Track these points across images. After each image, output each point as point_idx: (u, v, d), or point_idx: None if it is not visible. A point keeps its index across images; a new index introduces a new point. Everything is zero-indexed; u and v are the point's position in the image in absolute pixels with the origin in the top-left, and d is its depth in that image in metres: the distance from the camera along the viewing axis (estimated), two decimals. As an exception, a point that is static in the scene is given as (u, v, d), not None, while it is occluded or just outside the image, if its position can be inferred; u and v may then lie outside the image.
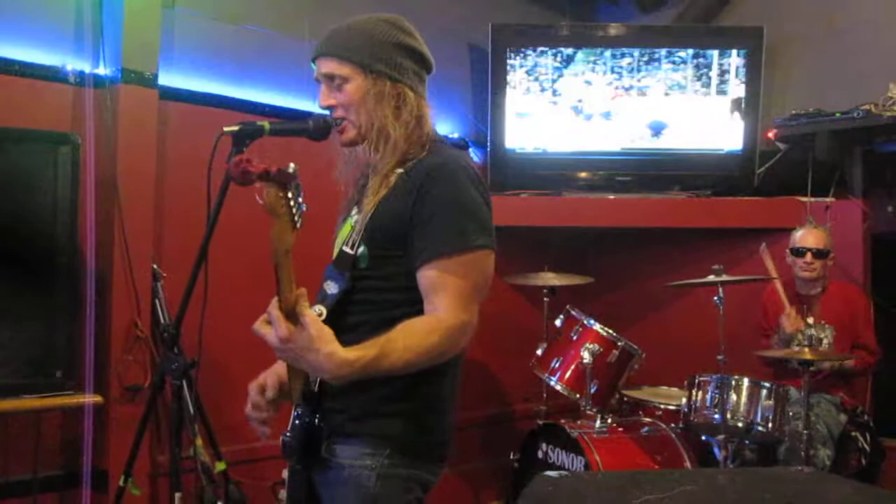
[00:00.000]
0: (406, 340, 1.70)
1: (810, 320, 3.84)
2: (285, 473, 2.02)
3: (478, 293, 1.80)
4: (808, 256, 4.06)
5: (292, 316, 1.62)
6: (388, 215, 1.82)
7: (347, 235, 1.91)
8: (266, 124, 1.94)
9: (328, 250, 1.98)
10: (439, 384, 1.86)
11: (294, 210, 1.54)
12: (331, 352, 1.62)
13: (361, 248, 1.84)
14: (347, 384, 1.70)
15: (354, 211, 1.95)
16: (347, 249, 1.88)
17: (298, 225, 1.56)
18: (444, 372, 1.85)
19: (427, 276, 1.77)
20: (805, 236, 4.12)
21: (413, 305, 1.79)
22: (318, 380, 1.82)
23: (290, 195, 1.53)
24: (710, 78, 4.77)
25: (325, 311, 1.82)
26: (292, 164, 1.53)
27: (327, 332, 1.64)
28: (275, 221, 1.54)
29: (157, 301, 3.42)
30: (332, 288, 1.87)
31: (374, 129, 1.86)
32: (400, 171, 1.85)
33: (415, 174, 1.82)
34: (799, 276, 4.12)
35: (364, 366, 1.65)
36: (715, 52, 4.77)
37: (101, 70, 3.42)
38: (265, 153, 2.01)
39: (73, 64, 3.38)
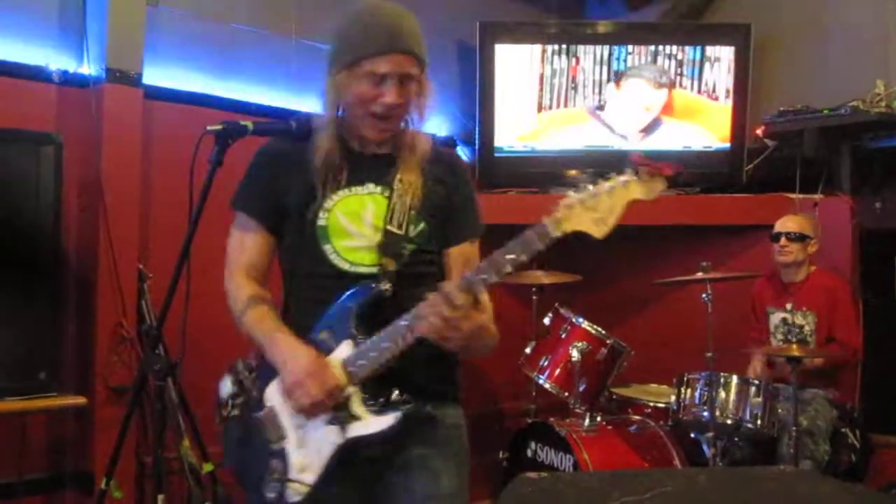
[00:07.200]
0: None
1: (789, 306, 3.82)
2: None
3: None
4: (783, 240, 4.04)
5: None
6: (436, 196, 1.98)
7: (385, 215, 1.92)
8: (249, 124, 1.94)
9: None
10: None
11: None
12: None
13: (422, 225, 1.95)
14: (427, 357, 1.87)
15: (362, 189, 1.94)
16: (394, 229, 1.92)
17: None
18: None
19: (467, 250, 2.02)
20: (784, 222, 4.10)
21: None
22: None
23: None
24: (697, 75, 4.77)
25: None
26: None
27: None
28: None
29: (143, 302, 3.40)
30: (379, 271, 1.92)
31: (421, 119, 1.97)
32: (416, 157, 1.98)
33: (439, 162, 2.02)
34: (777, 260, 4.11)
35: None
36: (703, 49, 4.78)
37: (86, 69, 3.41)
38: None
39: (57, 63, 3.36)
